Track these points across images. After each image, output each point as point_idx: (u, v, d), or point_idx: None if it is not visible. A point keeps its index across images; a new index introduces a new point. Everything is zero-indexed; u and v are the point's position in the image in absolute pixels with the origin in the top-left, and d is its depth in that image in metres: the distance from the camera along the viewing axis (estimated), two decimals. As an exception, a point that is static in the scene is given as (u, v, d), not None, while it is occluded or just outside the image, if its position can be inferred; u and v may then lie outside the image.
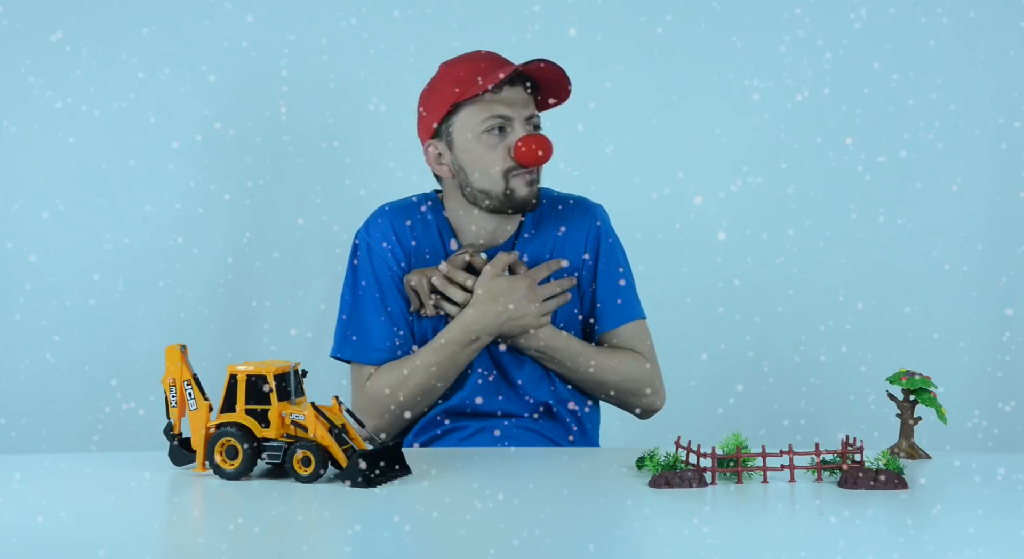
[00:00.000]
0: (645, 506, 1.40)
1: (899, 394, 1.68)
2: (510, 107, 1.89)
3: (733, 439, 1.52)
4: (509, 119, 1.89)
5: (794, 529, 1.32)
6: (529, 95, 1.93)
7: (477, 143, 1.90)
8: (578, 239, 1.98)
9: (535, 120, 1.93)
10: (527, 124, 1.91)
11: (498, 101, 1.89)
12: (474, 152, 1.91)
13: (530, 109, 1.92)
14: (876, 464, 1.48)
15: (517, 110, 1.90)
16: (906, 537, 1.29)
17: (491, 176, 1.91)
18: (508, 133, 1.90)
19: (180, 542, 1.31)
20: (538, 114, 1.94)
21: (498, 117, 1.89)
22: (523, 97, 1.91)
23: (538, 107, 1.96)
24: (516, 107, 1.90)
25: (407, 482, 1.52)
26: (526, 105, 1.91)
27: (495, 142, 1.90)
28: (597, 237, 1.99)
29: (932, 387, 1.65)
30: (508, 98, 1.90)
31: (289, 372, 1.56)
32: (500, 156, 1.90)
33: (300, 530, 1.31)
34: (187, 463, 1.61)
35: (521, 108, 1.90)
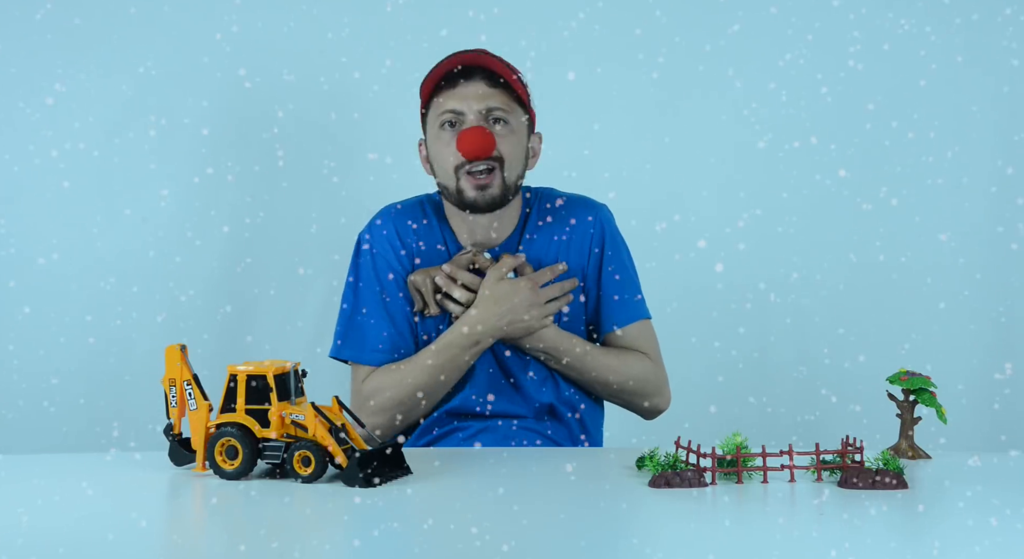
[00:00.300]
0: (645, 506, 1.40)
1: (899, 394, 1.68)
2: (462, 100, 1.88)
3: (733, 439, 1.52)
4: (460, 113, 1.88)
5: (794, 529, 1.32)
6: (492, 87, 1.89)
7: (436, 139, 1.91)
8: (582, 239, 1.97)
9: (497, 113, 1.89)
10: (483, 117, 1.88)
11: (452, 96, 1.88)
12: (434, 148, 1.92)
13: (488, 101, 1.88)
14: (876, 464, 1.48)
15: (469, 103, 1.88)
16: (906, 537, 1.29)
17: (446, 172, 1.91)
18: (459, 127, 1.89)
19: (180, 542, 1.31)
20: (502, 107, 1.89)
21: (450, 112, 1.88)
22: (480, 90, 1.88)
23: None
24: (469, 100, 1.88)
25: (407, 482, 1.52)
26: (483, 98, 1.88)
27: (448, 136, 1.89)
28: (601, 237, 1.98)
29: (932, 387, 1.65)
30: (461, 92, 1.88)
31: (289, 372, 1.56)
32: (451, 150, 1.89)
33: (300, 530, 1.31)
34: (187, 463, 1.61)
35: (476, 101, 1.88)
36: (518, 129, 1.92)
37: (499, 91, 1.90)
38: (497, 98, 1.89)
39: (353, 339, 1.94)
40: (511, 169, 1.91)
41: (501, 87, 1.90)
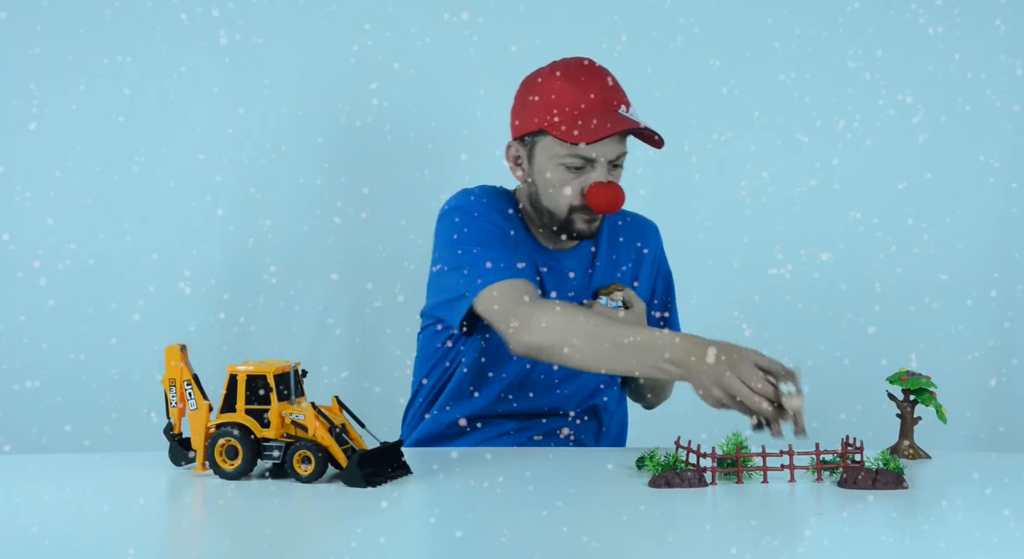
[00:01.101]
0: (645, 506, 1.40)
1: (899, 394, 1.68)
2: (599, 150, 1.83)
3: (733, 439, 1.52)
4: (592, 161, 1.84)
5: (794, 529, 1.32)
6: (620, 137, 1.85)
7: (555, 170, 1.86)
8: (652, 257, 2.05)
9: (619, 160, 1.87)
10: (609, 166, 1.85)
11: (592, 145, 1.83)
12: (549, 176, 1.87)
13: (617, 151, 1.85)
14: (876, 464, 1.48)
15: (602, 153, 1.84)
16: (906, 537, 1.29)
17: (558, 204, 1.88)
18: (586, 172, 1.85)
19: (180, 542, 1.31)
20: (625, 152, 1.87)
21: (581, 158, 1.84)
22: (615, 141, 1.84)
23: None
24: (606, 150, 1.84)
25: (407, 482, 1.52)
26: (615, 147, 1.85)
27: (571, 177, 1.86)
28: (660, 258, 2.07)
29: (932, 387, 1.65)
30: (602, 145, 1.83)
31: (289, 372, 1.56)
32: (573, 192, 1.86)
33: (300, 530, 1.31)
34: (187, 463, 1.61)
35: (610, 151, 1.84)
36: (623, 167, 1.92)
37: (624, 139, 1.87)
38: (622, 146, 1.87)
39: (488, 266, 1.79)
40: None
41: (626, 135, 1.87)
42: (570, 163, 1.84)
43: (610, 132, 1.79)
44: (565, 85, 1.84)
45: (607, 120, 1.81)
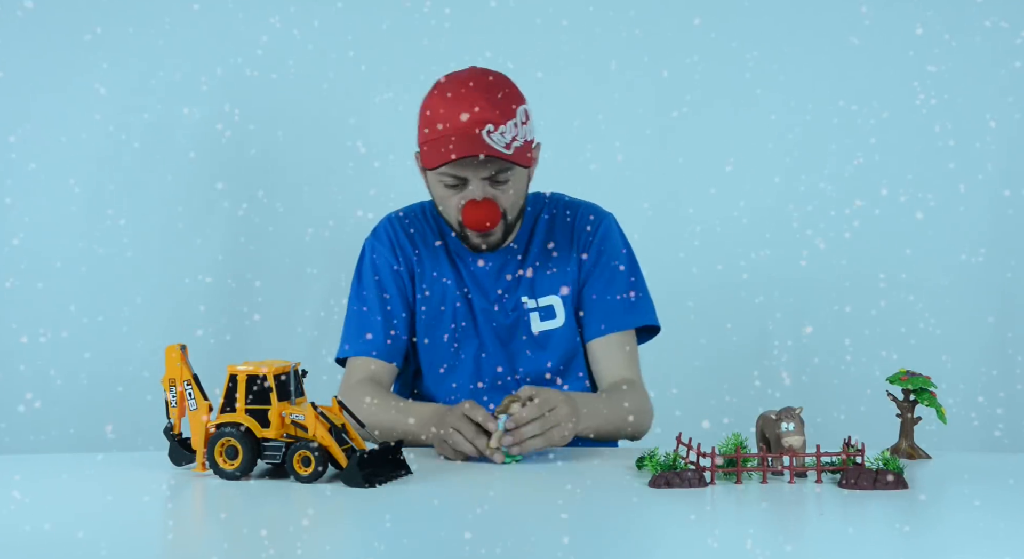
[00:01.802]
0: (645, 506, 1.40)
1: (899, 394, 1.68)
2: (464, 170, 1.86)
3: (733, 439, 1.52)
4: (464, 179, 1.87)
5: (794, 529, 1.32)
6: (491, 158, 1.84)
7: (438, 186, 1.91)
8: (577, 245, 2.00)
9: (500, 176, 1.87)
10: (485, 183, 1.86)
11: (453, 164, 1.85)
12: (435, 190, 1.93)
13: (491, 168, 1.85)
14: (876, 464, 1.48)
15: (473, 171, 1.85)
16: (906, 537, 1.29)
17: (448, 217, 1.94)
18: (463, 188, 1.88)
19: (180, 542, 1.31)
20: (504, 168, 1.86)
21: (452, 176, 1.87)
22: (480, 161, 1.84)
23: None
24: (470, 170, 1.85)
25: (407, 482, 1.52)
26: (484, 167, 1.85)
27: (451, 193, 1.89)
28: (591, 243, 1.99)
29: (932, 387, 1.65)
30: (463, 164, 1.84)
31: (289, 372, 1.56)
32: (454, 207, 1.90)
33: (300, 530, 1.31)
34: (187, 463, 1.61)
35: (477, 170, 1.85)
36: (518, 177, 1.91)
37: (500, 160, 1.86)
38: (498, 163, 1.86)
39: (353, 336, 1.97)
40: (512, 214, 1.94)
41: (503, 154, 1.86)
42: (446, 182, 1.88)
43: (446, 158, 1.82)
44: (436, 104, 1.87)
45: (459, 146, 1.82)
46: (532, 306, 1.98)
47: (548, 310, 1.98)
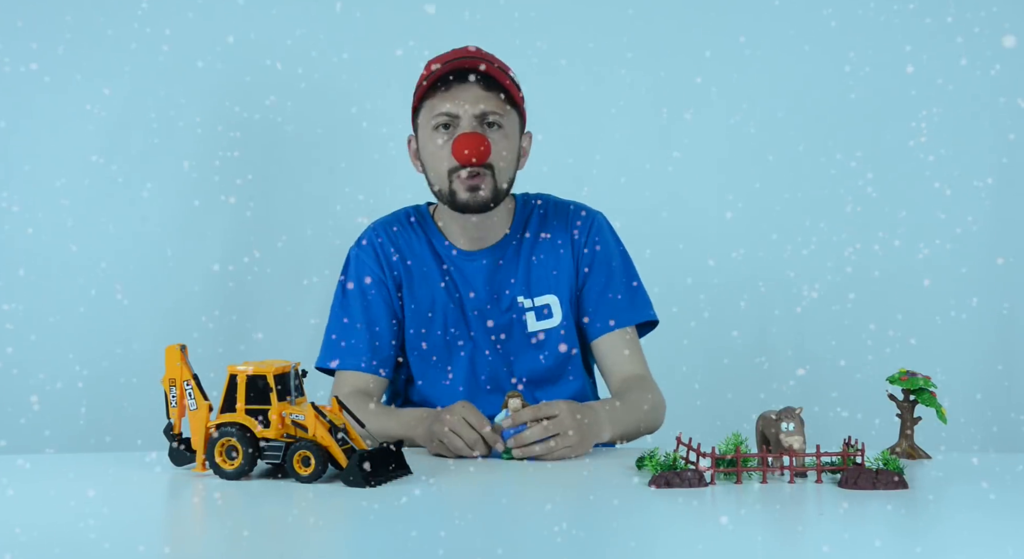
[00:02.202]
0: (645, 506, 1.40)
1: (899, 394, 1.68)
2: (456, 104, 1.86)
3: (733, 439, 1.52)
4: (455, 116, 1.87)
5: (794, 529, 1.32)
6: (487, 91, 1.87)
7: (429, 140, 1.90)
8: (562, 246, 1.98)
9: (491, 117, 1.88)
10: (477, 121, 1.87)
11: (447, 98, 1.87)
12: (427, 148, 1.91)
13: (483, 104, 1.86)
14: (876, 464, 1.48)
15: (464, 107, 1.86)
16: (906, 537, 1.29)
17: (439, 174, 1.90)
18: (454, 130, 1.88)
19: (180, 542, 1.31)
20: (497, 111, 1.88)
21: (443, 114, 1.87)
22: (475, 93, 1.87)
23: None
24: (464, 103, 1.86)
25: (407, 482, 1.52)
26: (478, 100, 1.86)
27: (442, 139, 1.88)
28: (585, 243, 1.98)
29: (932, 387, 1.65)
30: (456, 94, 1.86)
31: (289, 372, 1.56)
32: (445, 154, 1.88)
33: (300, 530, 1.31)
34: (187, 463, 1.61)
35: (471, 104, 1.86)
36: (511, 133, 1.92)
37: (493, 94, 1.88)
38: (491, 101, 1.88)
39: (339, 346, 1.97)
40: (503, 173, 1.90)
41: (495, 89, 1.89)
42: (437, 123, 1.88)
43: (442, 71, 1.85)
44: (428, 64, 1.92)
45: (457, 64, 1.86)
46: (528, 306, 1.97)
47: (544, 309, 1.97)
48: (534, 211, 2.02)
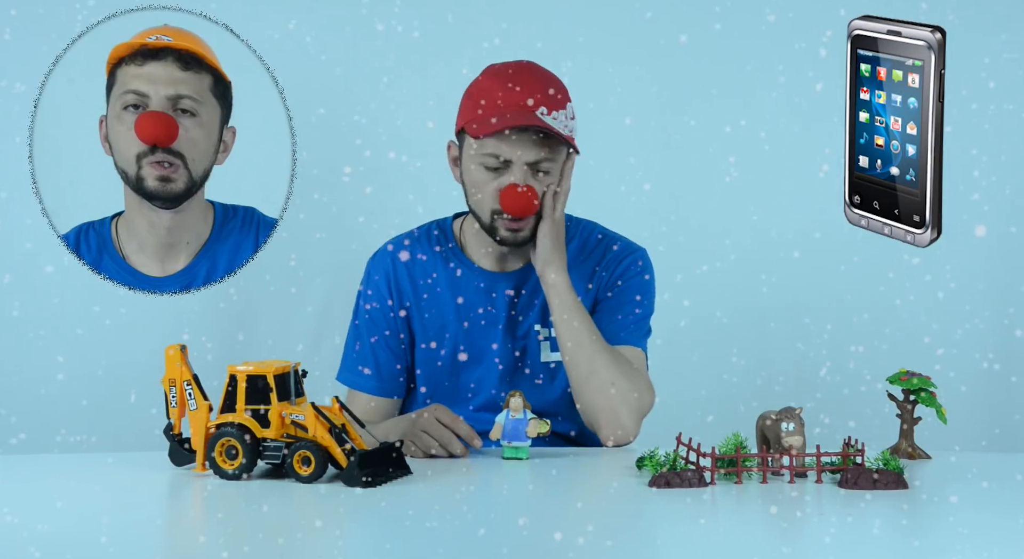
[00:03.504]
0: (645, 506, 1.40)
1: (899, 394, 1.68)
2: (511, 149, 1.81)
3: (733, 439, 1.52)
4: (507, 161, 1.82)
5: (794, 529, 1.32)
6: (541, 138, 1.82)
7: (476, 170, 1.86)
8: (589, 280, 1.94)
9: (543, 165, 1.83)
10: (528, 169, 1.83)
11: (502, 140, 1.81)
12: (472, 177, 1.87)
13: (536, 154, 1.82)
14: (876, 464, 1.48)
15: (517, 154, 1.81)
16: (906, 537, 1.29)
17: (481, 207, 1.87)
18: (503, 173, 1.84)
19: (180, 542, 1.31)
20: (548, 158, 1.83)
21: (494, 156, 1.83)
22: (530, 141, 1.81)
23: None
24: (517, 151, 1.81)
25: (407, 482, 1.52)
26: (532, 149, 1.81)
27: (489, 178, 1.84)
28: (609, 279, 1.94)
29: (932, 387, 1.65)
30: (511, 139, 1.81)
31: (289, 372, 1.56)
32: (491, 193, 1.85)
33: (300, 530, 1.31)
34: (187, 463, 1.61)
35: (524, 153, 1.81)
36: (556, 174, 1.86)
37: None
38: (545, 149, 1.83)
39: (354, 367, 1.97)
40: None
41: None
42: (487, 163, 1.83)
43: (500, 127, 1.78)
44: (489, 82, 1.85)
45: (515, 117, 1.80)
46: (544, 335, 1.93)
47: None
48: (574, 240, 1.97)
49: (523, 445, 1.66)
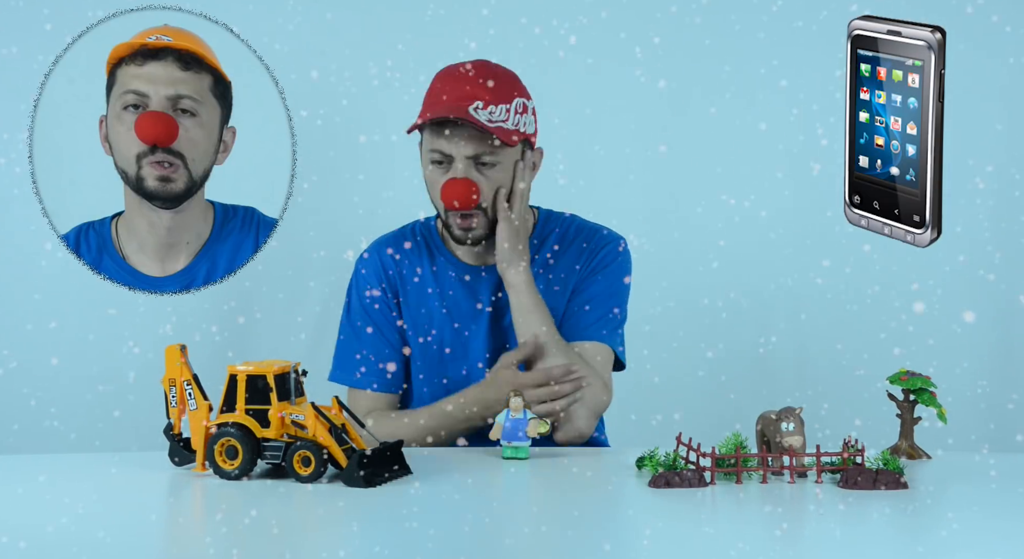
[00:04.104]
0: (645, 506, 1.40)
1: (899, 394, 1.68)
2: (451, 144, 1.85)
3: (733, 439, 1.52)
4: (449, 156, 1.86)
5: (794, 529, 1.32)
6: (479, 132, 1.84)
7: (426, 169, 1.91)
8: (566, 268, 1.96)
9: (485, 158, 1.86)
10: (470, 162, 1.86)
11: (441, 136, 1.85)
12: (426, 174, 1.92)
13: (476, 147, 1.85)
14: (876, 464, 1.48)
15: (458, 147, 1.85)
16: (906, 537, 1.29)
17: (436, 205, 1.92)
18: (447, 168, 1.87)
19: (180, 542, 1.31)
20: (490, 151, 1.85)
21: (437, 152, 1.87)
22: (469, 134, 1.84)
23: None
24: (457, 145, 1.85)
25: (407, 482, 1.52)
26: (471, 143, 1.84)
27: (437, 176, 1.89)
28: (591, 260, 1.96)
29: (932, 387, 1.65)
30: (451, 135, 1.85)
31: (289, 372, 1.56)
32: (438, 190, 1.89)
33: (300, 530, 1.31)
34: (187, 463, 1.61)
35: (464, 146, 1.84)
36: (504, 168, 1.89)
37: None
38: (480, 144, 1.86)
39: (348, 364, 1.97)
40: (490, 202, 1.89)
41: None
42: (433, 158, 1.88)
43: (423, 120, 1.83)
44: (437, 80, 1.91)
45: (442, 111, 1.83)
46: None
47: None
48: (553, 232, 2.00)
49: (523, 445, 1.66)
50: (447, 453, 1.77)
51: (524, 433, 1.66)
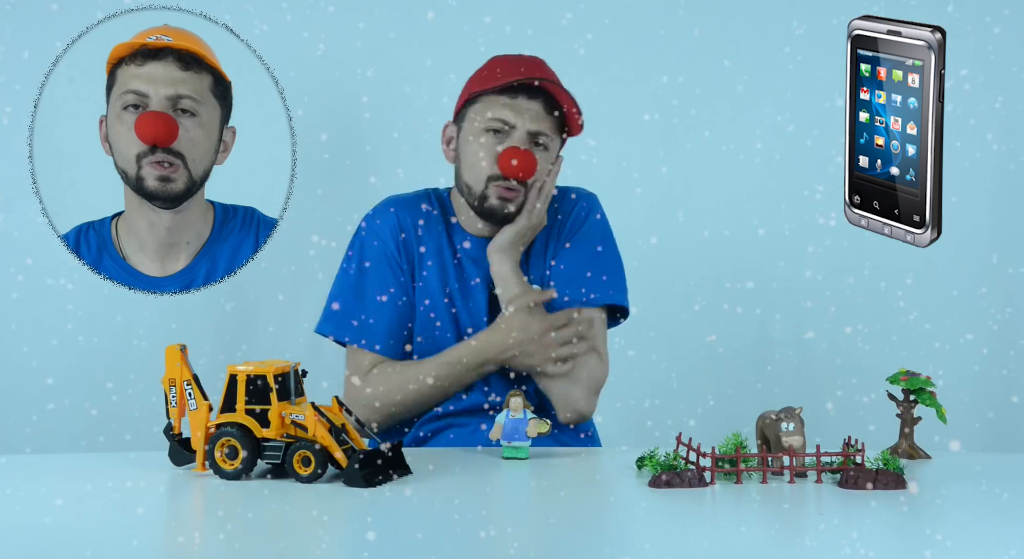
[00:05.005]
0: (645, 506, 1.40)
1: (899, 394, 1.68)
2: (517, 115, 1.86)
3: (733, 439, 1.52)
4: (512, 125, 1.87)
5: (794, 529, 1.32)
6: (547, 113, 1.87)
7: (476, 139, 1.89)
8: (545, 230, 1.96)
9: (542, 139, 1.88)
10: (529, 138, 1.87)
11: (508, 106, 1.87)
12: (471, 146, 1.90)
13: (539, 124, 1.87)
14: (876, 464, 1.48)
15: (523, 120, 1.86)
16: (906, 537, 1.29)
17: (476, 175, 1.90)
18: (505, 139, 1.87)
19: (180, 542, 1.31)
20: (548, 134, 1.88)
21: (499, 120, 1.87)
22: (537, 110, 1.87)
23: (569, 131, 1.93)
24: (524, 117, 1.86)
25: (407, 482, 1.52)
26: (537, 119, 1.87)
27: (491, 144, 1.88)
28: (567, 224, 1.97)
29: (932, 387, 1.65)
30: (519, 105, 1.86)
31: (289, 372, 1.56)
32: (489, 159, 1.87)
33: (300, 530, 1.31)
34: (187, 463, 1.61)
35: (530, 120, 1.86)
36: (551, 153, 1.91)
37: (550, 115, 1.88)
38: (547, 121, 1.88)
39: (354, 323, 1.93)
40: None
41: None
42: (490, 126, 1.87)
43: (512, 77, 1.84)
44: (498, 58, 1.92)
45: (526, 74, 1.86)
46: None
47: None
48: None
49: (523, 445, 1.66)
50: (447, 453, 1.77)
51: (524, 433, 1.66)
